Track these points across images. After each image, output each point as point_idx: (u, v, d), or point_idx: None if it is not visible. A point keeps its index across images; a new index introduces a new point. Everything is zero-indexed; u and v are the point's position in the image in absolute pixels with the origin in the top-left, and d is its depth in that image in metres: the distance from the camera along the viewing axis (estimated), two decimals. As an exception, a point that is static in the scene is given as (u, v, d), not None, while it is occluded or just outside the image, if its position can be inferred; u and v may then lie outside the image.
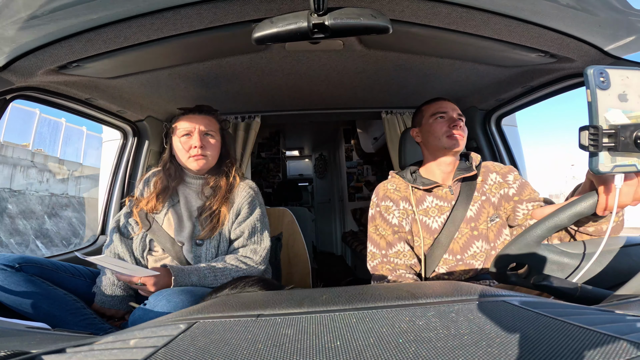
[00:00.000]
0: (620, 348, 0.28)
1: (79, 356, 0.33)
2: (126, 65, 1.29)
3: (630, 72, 0.63)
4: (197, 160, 1.31)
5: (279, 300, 0.53)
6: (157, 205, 1.33)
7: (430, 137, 1.27)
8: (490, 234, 1.22)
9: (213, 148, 1.35)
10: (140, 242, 1.31)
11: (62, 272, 1.23)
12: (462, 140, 1.23)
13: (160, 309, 0.96)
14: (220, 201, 1.31)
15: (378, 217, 1.28)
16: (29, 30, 0.91)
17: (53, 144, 12.39)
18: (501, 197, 1.23)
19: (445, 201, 1.24)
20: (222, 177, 1.37)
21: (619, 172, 0.63)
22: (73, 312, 1.15)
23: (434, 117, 1.27)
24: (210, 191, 1.35)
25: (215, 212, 1.29)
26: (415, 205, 1.25)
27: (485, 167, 1.30)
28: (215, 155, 1.36)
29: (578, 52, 1.13)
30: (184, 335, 0.36)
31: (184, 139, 1.32)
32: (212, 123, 1.36)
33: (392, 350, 0.31)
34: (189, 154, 1.31)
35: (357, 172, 5.03)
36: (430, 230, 1.23)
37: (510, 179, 1.25)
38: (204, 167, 1.34)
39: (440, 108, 1.27)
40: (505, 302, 0.42)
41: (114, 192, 1.91)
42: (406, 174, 1.31)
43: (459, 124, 1.23)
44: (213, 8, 0.94)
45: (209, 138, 1.33)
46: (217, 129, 1.37)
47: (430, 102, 1.32)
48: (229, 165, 1.40)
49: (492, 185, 1.25)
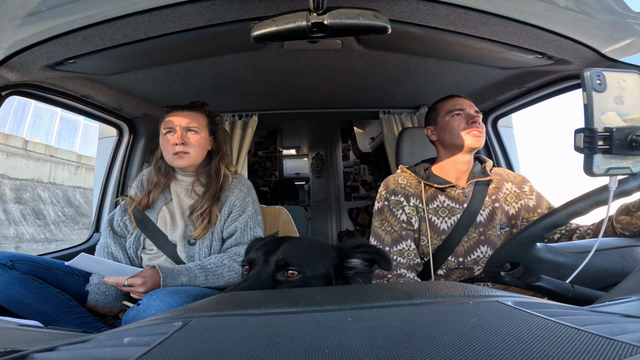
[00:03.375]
0: (612, 349, 0.29)
1: (72, 354, 0.33)
2: (123, 62, 1.28)
3: (627, 74, 0.63)
4: (178, 157, 1.27)
5: (274, 299, 0.53)
6: (149, 202, 1.31)
7: (447, 135, 1.23)
8: (498, 242, 1.21)
9: (196, 145, 1.30)
10: (134, 241, 1.30)
11: (55, 270, 1.21)
12: (482, 136, 1.20)
13: (154, 309, 0.95)
14: (211, 200, 1.28)
15: (386, 210, 1.22)
16: (25, 27, 0.90)
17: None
18: (521, 207, 1.23)
19: (457, 203, 1.21)
20: (212, 175, 1.33)
21: (612, 175, 0.64)
22: (66, 311, 1.14)
23: (450, 114, 1.23)
24: (200, 189, 1.32)
25: (205, 212, 1.26)
26: (425, 203, 1.21)
27: (497, 174, 1.28)
28: (199, 152, 1.31)
29: (575, 54, 1.13)
30: (179, 334, 0.36)
31: (166, 136, 1.29)
32: (196, 119, 1.31)
33: (386, 350, 0.31)
34: (171, 151, 1.28)
35: (354, 171, 5.03)
36: (437, 230, 1.20)
37: (527, 189, 1.25)
38: (187, 164, 1.30)
39: (456, 105, 1.24)
40: (498, 302, 0.42)
41: (109, 189, 1.89)
42: (419, 170, 1.26)
43: (478, 120, 1.20)
44: (212, 6, 0.94)
45: (191, 134, 1.29)
46: (202, 124, 1.33)
47: (445, 99, 1.29)
48: (219, 163, 1.36)
49: (508, 194, 1.24)
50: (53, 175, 9.92)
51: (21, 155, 9.07)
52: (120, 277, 1.07)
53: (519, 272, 0.80)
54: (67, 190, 10.25)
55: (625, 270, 0.74)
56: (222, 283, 1.19)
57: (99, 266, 1.09)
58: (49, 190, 9.64)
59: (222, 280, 1.19)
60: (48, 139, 10.61)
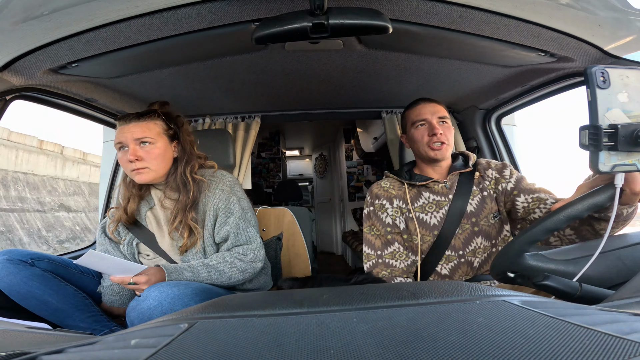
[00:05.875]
0: (621, 348, 0.28)
1: (79, 356, 0.33)
2: (126, 66, 1.28)
3: (630, 71, 0.63)
4: (138, 174, 1.18)
5: (279, 300, 0.53)
6: (129, 216, 1.27)
7: (414, 145, 1.28)
8: (492, 231, 1.21)
9: (154, 157, 1.18)
10: (128, 247, 1.30)
11: (73, 270, 1.25)
12: (444, 148, 1.22)
13: (152, 299, 0.97)
14: (184, 211, 1.19)
15: (372, 215, 1.27)
16: (29, 31, 0.91)
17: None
18: (500, 192, 1.23)
19: (442, 195, 1.23)
20: (180, 185, 1.22)
21: (618, 172, 0.64)
22: (81, 309, 1.18)
23: (414, 125, 1.26)
24: (174, 196, 1.23)
25: (182, 223, 1.19)
26: (410, 202, 1.24)
27: (480, 163, 1.30)
28: (160, 164, 1.20)
29: (578, 51, 1.13)
30: (185, 335, 0.36)
31: (120, 152, 1.19)
32: (149, 128, 1.19)
33: (392, 351, 0.31)
34: (128, 168, 1.18)
35: (357, 171, 5.03)
36: (428, 226, 1.21)
37: (507, 173, 1.24)
38: (149, 179, 1.20)
39: (419, 115, 1.26)
40: (505, 302, 0.42)
41: (114, 193, 1.90)
42: (401, 173, 1.31)
43: (438, 131, 1.21)
44: (213, 8, 0.94)
45: (146, 147, 1.18)
46: (156, 133, 1.20)
47: (410, 106, 1.31)
48: (185, 170, 1.23)
49: (491, 181, 1.25)
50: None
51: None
52: (126, 274, 1.09)
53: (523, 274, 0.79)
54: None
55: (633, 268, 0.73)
56: (224, 279, 1.19)
57: (106, 263, 1.10)
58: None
59: (225, 277, 1.19)
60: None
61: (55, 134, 22.12)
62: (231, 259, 1.21)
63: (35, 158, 7.77)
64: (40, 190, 7.66)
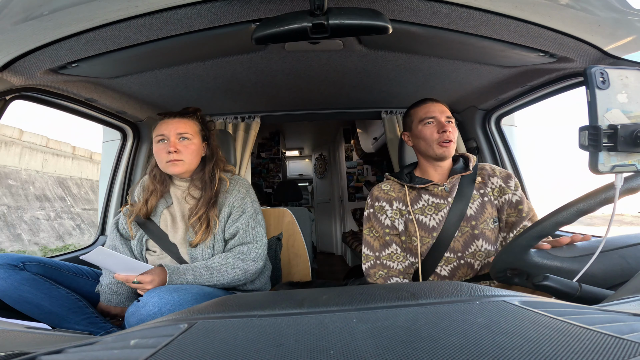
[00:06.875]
0: (621, 348, 0.28)
1: (79, 356, 0.33)
2: (126, 66, 1.28)
3: (630, 71, 0.63)
4: (173, 165, 1.28)
5: (279, 300, 0.53)
6: (149, 211, 1.32)
7: (421, 143, 1.28)
8: (492, 235, 1.22)
9: (190, 151, 1.30)
10: (138, 243, 1.32)
11: (65, 272, 1.24)
12: (451, 146, 1.23)
13: (152, 305, 0.97)
14: (207, 205, 1.28)
15: (372, 217, 1.29)
16: (29, 31, 0.91)
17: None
18: (505, 202, 1.24)
19: (441, 198, 1.24)
20: (206, 180, 1.33)
21: (618, 172, 0.64)
22: (75, 311, 1.17)
23: (422, 122, 1.27)
24: (197, 193, 1.33)
25: (203, 216, 1.27)
26: (410, 204, 1.25)
27: (483, 168, 1.30)
28: (193, 159, 1.32)
29: (577, 51, 1.13)
30: (185, 335, 0.36)
31: (159, 144, 1.30)
32: (188, 125, 1.32)
33: (392, 351, 0.31)
34: (164, 159, 1.28)
35: (357, 172, 5.03)
36: (427, 228, 1.22)
37: (512, 185, 1.25)
38: (181, 171, 1.30)
39: (428, 113, 1.27)
40: (505, 302, 0.42)
41: (114, 193, 1.90)
42: (401, 175, 1.32)
43: (448, 129, 1.23)
44: (213, 8, 0.94)
45: (185, 142, 1.29)
46: (195, 131, 1.33)
47: (417, 104, 1.32)
48: (214, 168, 1.36)
49: (494, 188, 1.26)
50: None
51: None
52: (132, 273, 1.09)
53: (525, 273, 0.79)
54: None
55: (632, 269, 0.73)
56: (226, 280, 1.20)
57: (114, 260, 1.10)
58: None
59: (227, 278, 1.20)
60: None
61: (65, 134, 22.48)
62: (233, 260, 1.23)
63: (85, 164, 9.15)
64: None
